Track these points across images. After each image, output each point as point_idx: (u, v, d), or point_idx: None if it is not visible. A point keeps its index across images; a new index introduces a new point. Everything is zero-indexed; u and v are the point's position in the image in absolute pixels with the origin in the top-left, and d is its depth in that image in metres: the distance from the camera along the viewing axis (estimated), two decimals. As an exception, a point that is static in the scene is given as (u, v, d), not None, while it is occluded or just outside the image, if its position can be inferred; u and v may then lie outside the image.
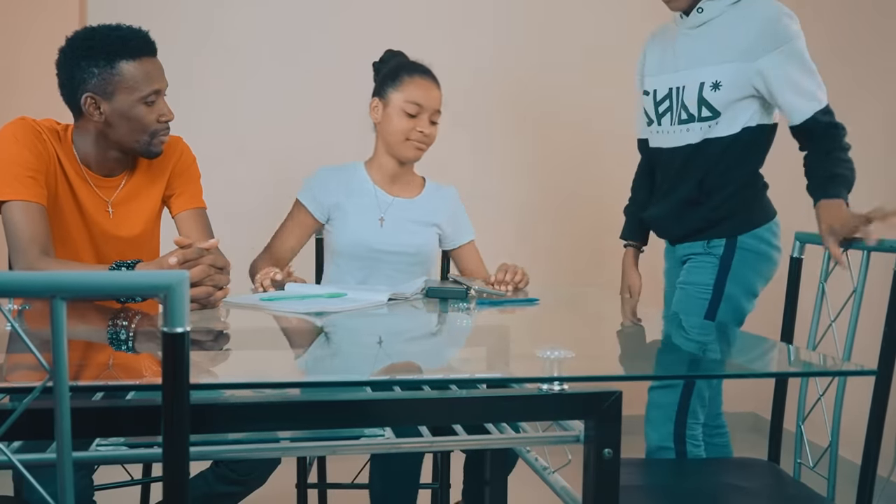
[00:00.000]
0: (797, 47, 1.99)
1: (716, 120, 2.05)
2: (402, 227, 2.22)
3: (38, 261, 1.66)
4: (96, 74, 1.72)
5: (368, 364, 1.34)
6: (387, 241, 2.20)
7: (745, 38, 2.01)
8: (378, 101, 2.20)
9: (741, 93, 2.03)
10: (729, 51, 2.02)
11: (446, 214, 2.28)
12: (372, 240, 2.19)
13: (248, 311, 1.69)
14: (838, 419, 1.63)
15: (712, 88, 2.03)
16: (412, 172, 2.31)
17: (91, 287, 0.82)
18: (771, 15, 2.00)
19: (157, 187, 1.93)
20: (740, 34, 2.02)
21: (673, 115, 2.13)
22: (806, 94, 1.99)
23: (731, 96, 2.03)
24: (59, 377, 0.81)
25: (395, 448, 1.28)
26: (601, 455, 1.10)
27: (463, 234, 2.34)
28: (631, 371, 1.41)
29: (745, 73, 2.00)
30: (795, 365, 1.40)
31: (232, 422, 1.07)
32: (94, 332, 1.48)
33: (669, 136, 2.14)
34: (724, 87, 2.02)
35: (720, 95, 2.03)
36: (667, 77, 2.15)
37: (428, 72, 2.20)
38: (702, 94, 2.05)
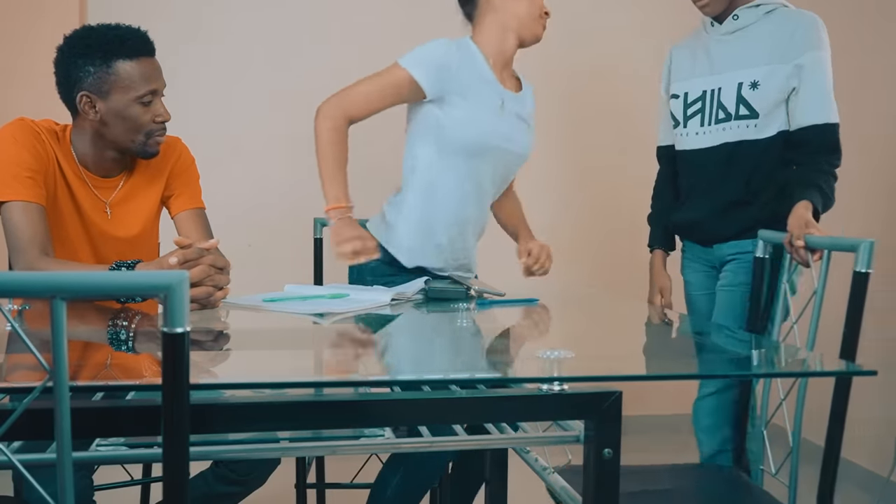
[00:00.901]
0: (829, 59, 2.06)
1: (754, 121, 2.08)
2: (516, 124, 2.09)
3: (38, 261, 1.66)
4: (92, 73, 1.72)
5: (368, 364, 1.34)
6: (506, 136, 2.05)
7: (786, 40, 2.05)
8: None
9: (778, 94, 2.06)
10: (767, 53, 2.07)
11: (532, 119, 2.16)
12: (491, 134, 2.02)
13: (248, 311, 1.69)
14: (799, 424, 1.61)
15: (751, 87, 2.06)
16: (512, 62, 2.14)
17: (91, 287, 0.82)
18: (813, 21, 2.07)
19: (156, 188, 1.92)
20: (779, 37, 2.06)
21: (706, 115, 2.15)
22: (828, 102, 2.05)
23: (768, 97, 2.06)
24: (59, 377, 0.81)
25: (394, 448, 1.28)
26: (601, 455, 1.10)
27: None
28: (631, 371, 1.41)
29: (783, 73, 2.05)
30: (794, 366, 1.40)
31: (232, 422, 1.07)
32: (94, 332, 1.48)
33: (703, 136, 2.16)
34: (762, 86, 2.06)
35: (758, 95, 2.06)
36: (700, 80, 2.18)
37: None
38: (740, 94, 2.08)
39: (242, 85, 3.28)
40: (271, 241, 3.24)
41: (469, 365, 1.36)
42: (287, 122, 3.31)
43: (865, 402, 2.90)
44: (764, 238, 1.88)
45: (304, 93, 3.30)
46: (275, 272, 3.05)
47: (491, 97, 2.04)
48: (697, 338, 1.67)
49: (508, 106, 2.07)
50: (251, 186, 3.27)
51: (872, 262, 1.56)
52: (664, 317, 1.93)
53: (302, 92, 3.30)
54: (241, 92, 3.28)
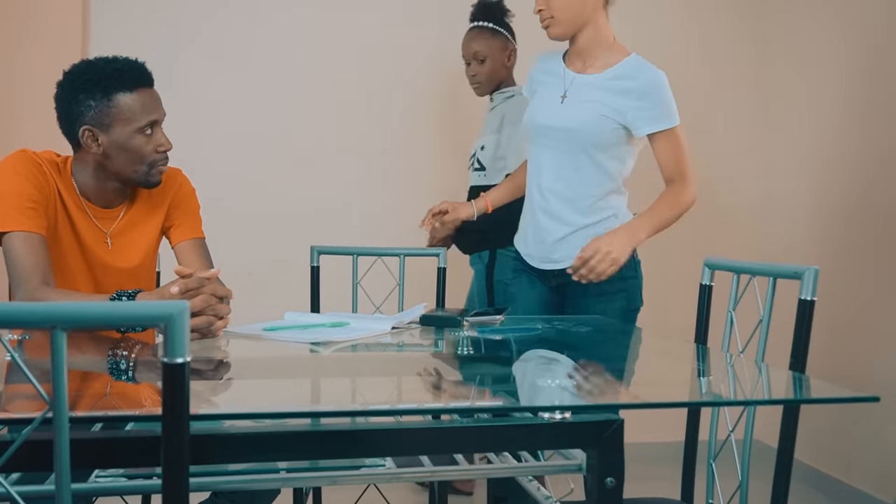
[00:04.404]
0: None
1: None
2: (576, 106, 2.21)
3: (39, 291, 1.66)
4: (93, 107, 1.74)
5: (368, 394, 1.34)
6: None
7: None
8: None
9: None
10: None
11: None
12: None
13: (249, 340, 1.68)
14: (748, 456, 1.59)
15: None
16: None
17: (92, 318, 0.82)
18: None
19: (156, 218, 1.93)
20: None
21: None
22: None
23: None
24: (59, 408, 0.81)
25: (395, 478, 1.27)
26: (604, 484, 1.10)
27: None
28: (633, 399, 1.40)
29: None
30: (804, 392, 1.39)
31: (232, 452, 1.06)
32: (94, 362, 1.48)
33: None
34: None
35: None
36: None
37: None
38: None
39: (248, 118, 3.30)
40: (270, 270, 3.24)
41: (469, 394, 1.35)
42: (289, 155, 3.34)
43: (872, 425, 2.90)
44: (709, 265, 1.89)
45: (305, 124, 3.34)
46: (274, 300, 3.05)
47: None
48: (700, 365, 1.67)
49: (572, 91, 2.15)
50: (250, 214, 3.28)
51: (816, 289, 1.57)
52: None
53: (302, 124, 3.34)
54: (241, 124, 3.30)
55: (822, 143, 3.24)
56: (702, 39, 3.58)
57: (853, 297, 3.01)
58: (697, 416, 1.82)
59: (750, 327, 1.71)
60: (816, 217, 3.26)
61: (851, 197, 3.07)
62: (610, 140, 2.11)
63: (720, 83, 3.59)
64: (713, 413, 1.75)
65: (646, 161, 2.22)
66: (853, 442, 3.02)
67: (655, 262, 3.54)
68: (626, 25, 3.52)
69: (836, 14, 3.18)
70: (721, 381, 1.47)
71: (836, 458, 3.10)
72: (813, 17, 3.32)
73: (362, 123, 3.37)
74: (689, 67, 3.56)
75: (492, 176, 2.75)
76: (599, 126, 2.09)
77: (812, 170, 3.29)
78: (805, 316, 1.56)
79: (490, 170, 2.77)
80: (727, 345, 1.76)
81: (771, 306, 1.66)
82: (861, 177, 3.02)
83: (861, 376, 2.95)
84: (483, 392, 1.37)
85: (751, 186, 3.61)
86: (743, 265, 1.78)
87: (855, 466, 3.02)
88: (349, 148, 3.37)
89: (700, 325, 1.90)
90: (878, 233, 2.92)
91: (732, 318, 1.76)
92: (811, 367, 1.58)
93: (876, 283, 2.92)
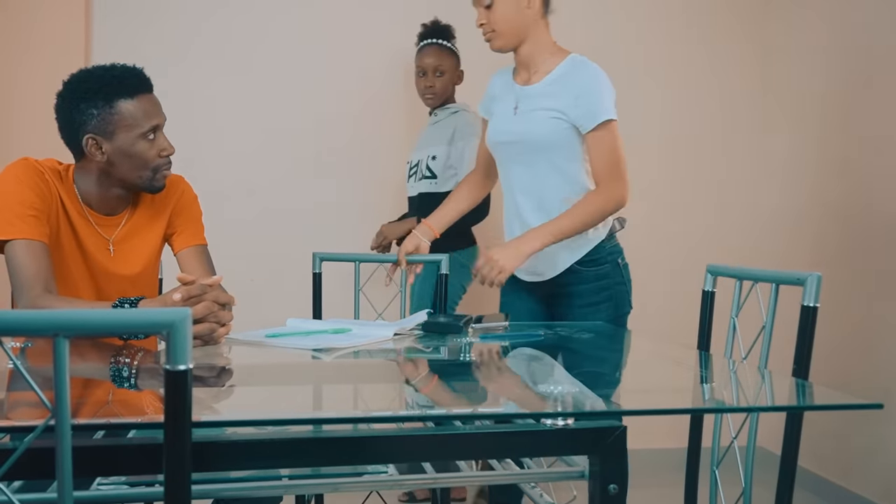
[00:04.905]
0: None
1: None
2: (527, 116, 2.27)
3: (41, 298, 1.66)
4: (96, 115, 1.74)
5: (371, 400, 1.34)
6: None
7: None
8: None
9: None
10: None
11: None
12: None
13: (251, 347, 1.68)
14: (751, 462, 1.58)
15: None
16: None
17: (94, 325, 0.82)
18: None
19: (159, 226, 1.94)
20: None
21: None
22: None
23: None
24: (62, 416, 0.81)
25: (398, 485, 1.27)
26: (607, 491, 1.09)
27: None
28: (636, 406, 1.40)
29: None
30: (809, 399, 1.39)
31: (234, 459, 1.06)
32: (97, 370, 1.48)
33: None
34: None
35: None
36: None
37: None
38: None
39: (244, 121, 3.31)
40: (272, 276, 3.25)
41: (471, 400, 1.35)
42: (290, 156, 3.34)
43: (875, 432, 2.89)
44: (711, 271, 1.89)
45: (308, 129, 3.35)
46: (276, 306, 3.06)
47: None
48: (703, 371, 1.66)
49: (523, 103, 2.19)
50: (252, 220, 3.29)
51: (819, 295, 1.57)
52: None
53: (306, 128, 3.35)
54: (244, 129, 3.31)
55: (823, 147, 3.24)
56: (702, 41, 3.58)
57: (856, 303, 3.01)
58: (700, 423, 1.82)
59: (753, 333, 1.70)
60: (819, 222, 3.26)
61: (854, 201, 3.07)
62: (565, 141, 2.14)
63: (721, 86, 3.59)
64: (716, 420, 1.75)
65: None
66: (857, 449, 3.01)
67: (658, 269, 3.56)
68: (630, 26, 3.56)
69: (836, 15, 3.19)
70: (724, 388, 1.46)
71: (839, 464, 3.09)
72: (813, 19, 3.32)
73: (368, 127, 3.38)
74: (690, 70, 3.57)
75: (442, 184, 2.96)
76: (552, 129, 2.13)
77: (814, 174, 3.29)
78: (808, 322, 1.56)
79: (441, 178, 2.97)
80: (730, 351, 1.76)
81: (773, 312, 1.66)
82: (864, 181, 3.02)
83: (864, 383, 2.94)
84: (485, 398, 1.36)
85: (752, 191, 3.61)
86: (745, 271, 1.78)
87: (858, 473, 3.01)
88: (355, 152, 3.37)
89: (703, 332, 1.90)
90: (881, 238, 2.92)
91: (735, 324, 1.76)
92: (814, 374, 1.58)
93: (879, 290, 2.92)
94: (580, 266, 2.18)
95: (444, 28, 3.04)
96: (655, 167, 3.50)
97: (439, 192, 2.90)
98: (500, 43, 2.17)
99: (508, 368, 1.64)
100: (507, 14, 2.12)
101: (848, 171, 3.10)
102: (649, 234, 3.53)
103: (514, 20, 2.13)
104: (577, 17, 3.46)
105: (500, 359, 1.70)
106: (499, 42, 2.16)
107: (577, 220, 2.10)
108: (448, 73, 2.99)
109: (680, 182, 3.57)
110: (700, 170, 3.59)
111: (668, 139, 3.56)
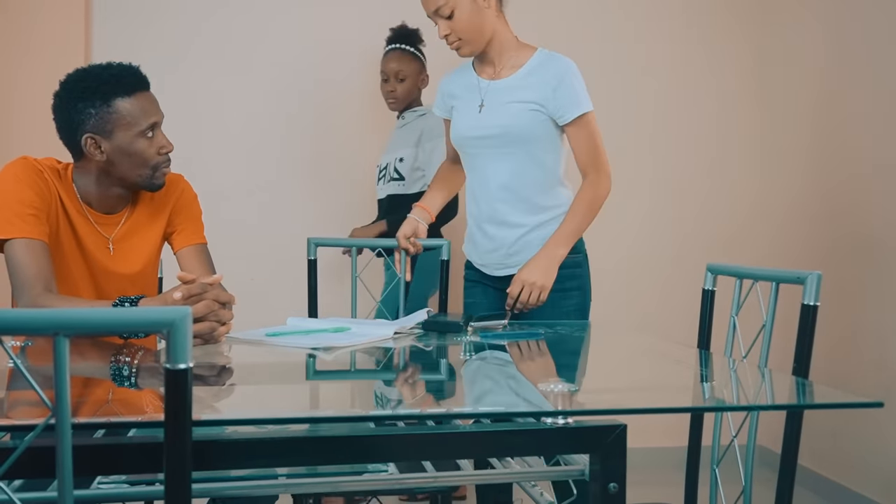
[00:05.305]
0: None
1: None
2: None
3: (42, 297, 1.66)
4: (93, 115, 1.74)
5: (371, 399, 1.34)
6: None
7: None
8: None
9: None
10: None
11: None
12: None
13: (251, 346, 1.68)
14: (751, 461, 1.58)
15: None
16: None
17: (94, 324, 0.82)
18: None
19: (158, 224, 1.93)
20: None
21: None
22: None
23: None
24: (62, 415, 0.81)
25: (398, 484, 1.27)
26: (607, 490, 1.09)
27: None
28: (636, 404, 1.40)
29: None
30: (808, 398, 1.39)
31: (235, 458, 1.06)
32: (97, 368, 1.48)
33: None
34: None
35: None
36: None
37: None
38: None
39: (244, 120, 3.31)
40: (272, 275, 3.25)
41: (471, 399, 1.35)
42: (291, 156, 3.34)
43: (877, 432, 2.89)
44: (711, 269, 1.88)
45: (308, 127, 3.35)
46: (276, 305, 3.06)
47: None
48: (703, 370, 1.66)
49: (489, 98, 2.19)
50: (252, 219, 3.28)
51: (819, 294, 1.57)
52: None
53: (305, 126, 3.35)
54: (244, 127, 3.31)
55: (821, 146, 3.24)
56: (700, 41, 3.58)
57: (856, 301, 3.01)
58: (700, 422, 1.82)
59: (753, 332, 1.70)
60: (819, 221, 3.26)
61: (854, 200, 3.07)
62: (542, 132, 2.14)
63: (718, 86, 3.59)
64: (716, 418, 1.75)
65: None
66: (857, 447, 3.01)
67: (658, 267, 3.56)
68: (630, 25, 3.56)
69: (833, 15, 3.19)
70: (724, 386, 1.47)
71: (839, 463, 3.09)
72: (810, 19, 3.32)
73: (367, 126, 3.38)
74: (688, 70, 3.57)
75: (409, 186, 2.98)
76: (530, 121, 2.13)
77: (813, 173, 3.29)
78: (808, 321, 1.56)
79: (408, 180, 2.99)
80: (730, 350, 1.76)
81: (774, 311, 1.66)
82: (864, 180, 3.02)
83: (865, 381, 2.94)
84: (485, 397, 1.36)
85: (752, 191, 3.61)
86: (745, 270, 1.78)
87: (859, 472, 3.01)
88: (354, 151, 3.37)
89: (703, 330, 1.90)
90: (881, 236, 2.92)
91: (735, 322, 1.76)
92: (814, 372, 1.58)
93: (879, 288, 2.92)
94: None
95: (409, 33, 3.05)
96: (654, 167, 3.51)
97: (407, 193, 2.94)
98: (469, 49, 2.16)
99: (508, 367, 1.64)
100: (469, 19, 2.11)
101: (847, 170, 3.10)
102: (648, 233, 3.54)
103: (477, 23, 2.12)
104: (578, 17, 3.46)
105: (499, 357, 1.70)
106: (468, 48, 2.16)
107: (590, 216, 2.15)
108: (410, 77, 3.01)
109: (679, 181, 3.57)
110: (698, 169, 3.59)
111: (668, 139, 3.56)
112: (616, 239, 3.44)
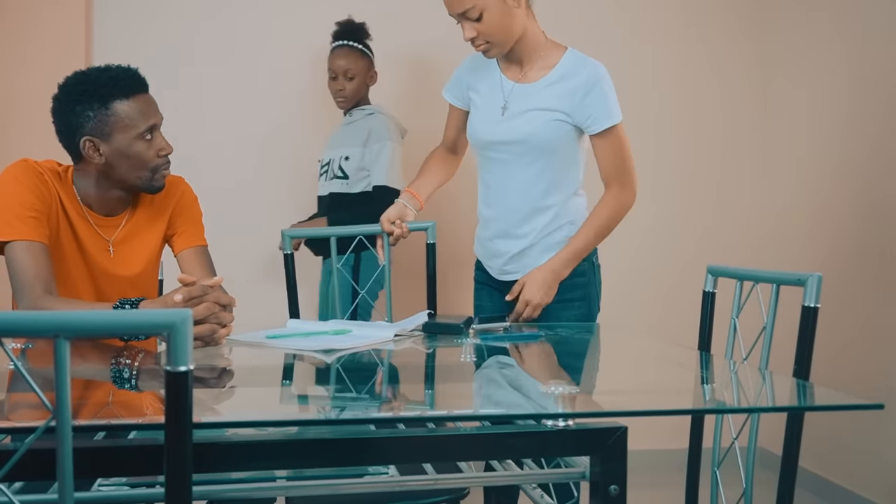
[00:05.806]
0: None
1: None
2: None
3: (42, 300, 1.66)
4: (92, 117, 1.74)
5: (372, 401, 1.34)
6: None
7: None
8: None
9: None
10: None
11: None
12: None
13: (251, 348, 1.68)
14: (752, 463, 1.58)
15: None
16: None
17: (95, 326, 0.82)
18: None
19: (159, 227, 1.93)
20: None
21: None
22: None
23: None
24: (62, 417, 0.81)
25: (399, 486, 1.27)
26: (607, 492, 1.09)
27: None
28: (637, 406, 1.40)
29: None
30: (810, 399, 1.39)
31: (235, 461, 1.06)
32: (97, 371, 1.48)
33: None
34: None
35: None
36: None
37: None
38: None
39: (245, 121, 3.31)
40: (273, 277, 3.24)
41: (472, 401, 1.35)
42: (291, 156, 3.34)
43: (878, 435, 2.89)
44: (712, 271, 1.88)
45: (309, 127, 3.35)
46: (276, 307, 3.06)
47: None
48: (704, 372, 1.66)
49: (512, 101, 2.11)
50: (253, 221, 3.28)
51: (820, 296, 1.57)
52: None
53: (306, 127, 3.35)
54: (245, 129, 3.31)
55: (824, 150, 3.24)
56: (701, 41, 3.58)
57: (857, 303, 3.01)
58: (701, 424, 1.82)
59: (753, 334, 1.70)
60: (820, 223, 3.26)
61: (855, 202, 3.07)
62: (564, 143, 2.07)
63: (720, 85, 3.59)
64: (717, 420, 1.75)
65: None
66: (858, 449, 3.01)
67: (658, 269, 3.56)
68: (630, 28, 3.56)
69: (837, 17, 3.19)
70: (725, 389, 1.46)
71: (840, 465, 3.09)
72: (814, 21, 3.32)
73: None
74: (689, 70, 3.57)
75: (353, 185, 2.90)
76: (553, 132, 2.05)
77: (815, 176, 3.29)
78: (808, 323, 1.56)
79: (353, 179, 2.90)
80: (730, 352, 1.76)
81: (774, 313, 1.66)
82: (864, 183, 3.02)
83: (865, 383, 2.94)
84: (486, 399, 1.36)
85: (753, 192, 3.61)
86: (746, 272, 1.78)
87: (859, 474, 3.00)
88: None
89: (703, 332, 1.90)
90: (882, 239, 2.91)
91: (736, 324, 1.76)
92: (815, 374, 1.58)
93: (880, 290, 2.91)
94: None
95: (356, 28, 2.96)
96: (654, 167, 3.50)
97: (350, 192, 2.88)
98: (497, 51, 2.06)
99: (508, 369, 1.64)
100: (499, 21, 1.99)
101: (848, 171, 3.10)
102: (649, 235, 3.53)
103: (507, 24, 2.01)
104: (578, 17, 3.46)
105: (499, 359, 1.70)
106: (496, 50, 2.05)
107: (601, 231, 2.10)
108: (359, 75, 2.93)
109: (679, 182, 3.57)
110: (700, 170, 3.59)
111: (668, 139, 3.56)
112: (616, 239, 3.43)
